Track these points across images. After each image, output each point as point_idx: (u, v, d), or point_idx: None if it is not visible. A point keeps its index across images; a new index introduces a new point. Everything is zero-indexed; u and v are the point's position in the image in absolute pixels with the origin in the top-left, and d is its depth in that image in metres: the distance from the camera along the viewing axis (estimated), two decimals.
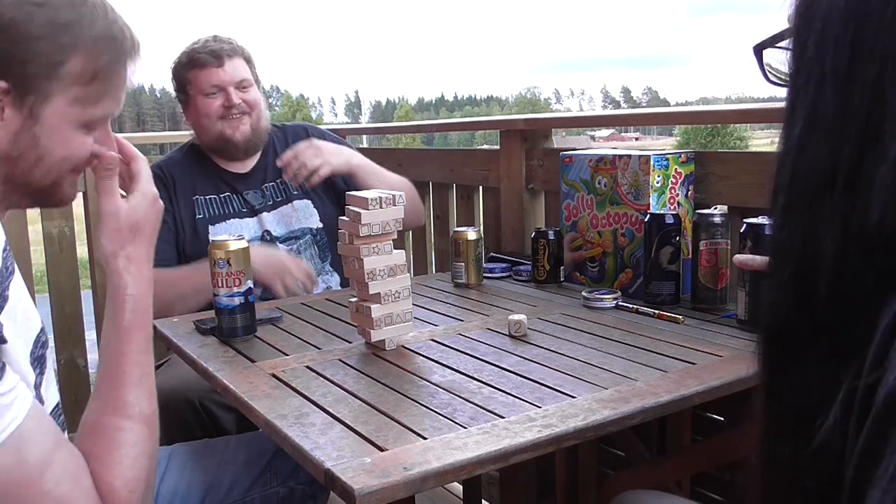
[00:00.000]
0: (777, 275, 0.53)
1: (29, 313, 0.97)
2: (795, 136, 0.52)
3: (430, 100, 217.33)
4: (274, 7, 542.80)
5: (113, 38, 0.90)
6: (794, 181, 0.52)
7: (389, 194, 1.23)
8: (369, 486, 0.78)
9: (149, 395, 0.91)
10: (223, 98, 1.87)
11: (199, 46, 1.88)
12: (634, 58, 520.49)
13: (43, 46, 0.85)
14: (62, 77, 0.86)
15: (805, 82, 0.52)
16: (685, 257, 1.50)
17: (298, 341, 1.31)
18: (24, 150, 0.87)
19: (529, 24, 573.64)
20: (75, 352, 2.58)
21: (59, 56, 0.86)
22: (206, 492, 1.24)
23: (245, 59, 1.92)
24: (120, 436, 0.87)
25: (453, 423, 0.93)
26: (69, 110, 0.88)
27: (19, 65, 0.84)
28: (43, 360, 0.97)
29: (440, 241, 2.45)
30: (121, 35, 0.91)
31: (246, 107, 1.90)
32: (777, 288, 0.53)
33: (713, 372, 1.08)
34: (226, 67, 1.87)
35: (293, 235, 1.95)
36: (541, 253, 1.67)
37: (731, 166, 1.57)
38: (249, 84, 1.91)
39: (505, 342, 1.27)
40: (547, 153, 2.01)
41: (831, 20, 0.51)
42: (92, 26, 0.88)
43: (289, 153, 1.85)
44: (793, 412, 0.52)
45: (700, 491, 1.62)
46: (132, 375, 0.90)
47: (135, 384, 0.90)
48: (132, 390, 0.90)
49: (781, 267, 0.53)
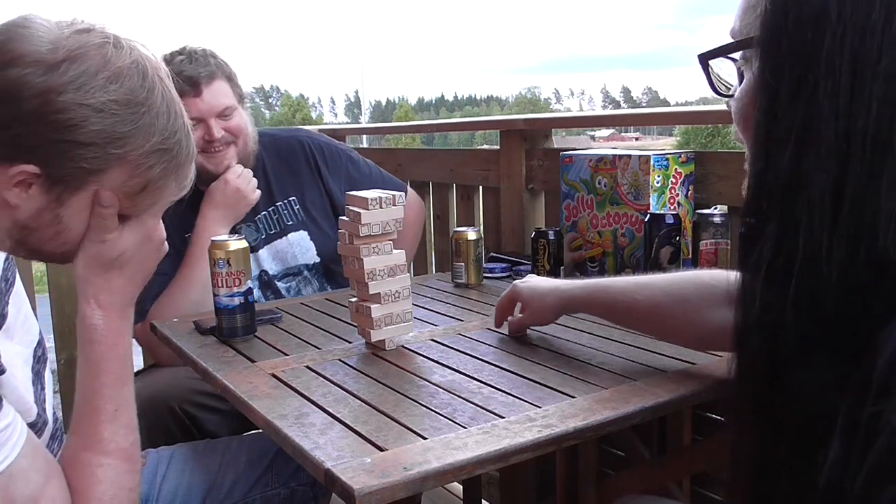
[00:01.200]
0: (776, 292, 0.52)
1: (28, 324, 0.96)
2: (788, 157, 0.51)
3: (430, 100, 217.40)
4: (274, 7, 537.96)
5: (168, 151, 0.85)
6: (788, 203, 0.51)
7: (389, 194, 1.23)
8: (369, 486, 0.78)
9: (126, 429, 0.88)
10: (203, 130, 1.68)
11: (173, 70, 1.64)
12: (634, 58, 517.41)
13: (89, 153, 0.80)
14: (101, 181, 0.83)
15: (790, 98, 0.51)
16: (685, 257, 1.50)
17: (298, 341, 1.31)
18: (44, 225, 0.84)
19: (530, 23, 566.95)
20: (75, 352, 2.57)
21: (102, 164, 0.82)
22: (208, 492, 1.24)
23: (226, 77, 1.73)
24: (100, 472, 0.85)
25: (453, 423, 0.93)
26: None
27: (58, 160, 0.80)
28: (41, 376, 0.96)
29: (440, 241, 2.45)
30: (176, 147, 0.86)
31: (230, 136, 1.73)
32: (776, 302, 0.52)
33: (713, 372, 1.08)
34: (204, 97, 1.68)
35: (290, 272, 1.83)
36: (541, 253, 1.67)
37: (731, 166, 1.57)
38: (233, 109, 1.73)
39: (505, 342, 1.27)
40: (547, 153, 2.01)
41: (821, 34, 0.49)
42: (147, 139, 0.83)
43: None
44: (792, 418, 0.52)
45: (700, 491, 1.62)
46: (105, 411, 0.88)
47: (109, 420, 0.88)
48: (107, 426, 0.87)
49: (781, 286, 0.51)
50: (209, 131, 1.69)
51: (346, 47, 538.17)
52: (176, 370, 1.56)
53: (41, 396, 0.93)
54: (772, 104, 0.53)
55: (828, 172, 0.49)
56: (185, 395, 1.55)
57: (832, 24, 0.49)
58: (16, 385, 0.84)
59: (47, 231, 0.85)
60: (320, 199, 1.87)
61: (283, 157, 1.87)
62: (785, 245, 0.51)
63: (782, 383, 0.52)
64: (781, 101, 0.52)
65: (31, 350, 0.96)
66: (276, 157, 1.87)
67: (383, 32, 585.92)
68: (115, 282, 0.90)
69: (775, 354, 0.52)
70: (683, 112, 4.57)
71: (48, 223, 0.84)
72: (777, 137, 0.52)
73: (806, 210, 0.50)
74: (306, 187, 1.87)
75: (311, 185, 1.87)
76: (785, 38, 0.51)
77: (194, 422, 1.55)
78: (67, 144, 0.79)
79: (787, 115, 0.51)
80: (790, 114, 0.51)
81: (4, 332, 0.88)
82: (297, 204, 1.85)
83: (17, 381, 0.86)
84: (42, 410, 0.91)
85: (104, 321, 0.89)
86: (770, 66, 0.53)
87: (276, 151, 1.87)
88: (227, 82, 1.74)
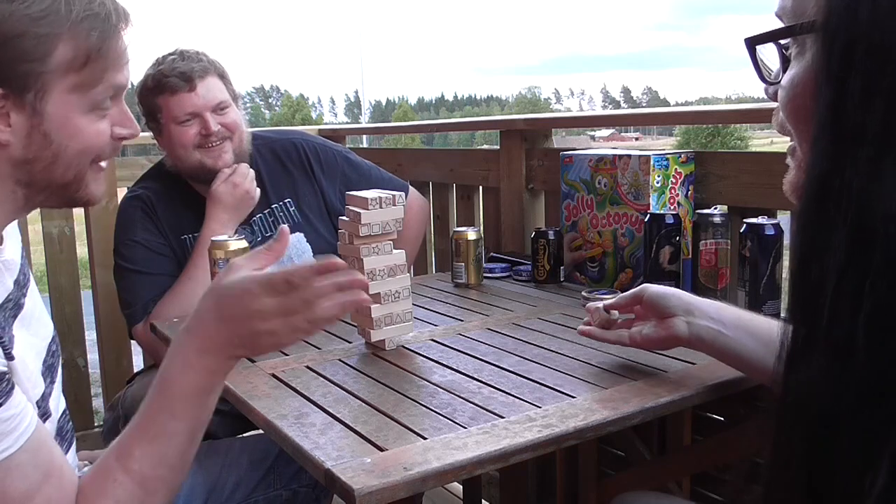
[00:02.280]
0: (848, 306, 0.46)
1: (43, 320, 0.97)
2: (863, 160, 0.45)
3: (429, 100, 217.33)
4: (274, 7, 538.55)
5: (95, 16, 0.86)
6: (862, 211, 0.46)
7: (389, 194, 1.23)
8: (369, 486, 0.78)
9: (156, 459, 0.85)
10: (199, 125, 1.69)
11: (166, 68, 1.68)
12: (634, 58, 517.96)
13: (25, 43, 0.82)
14: (53, 68, 0.83)
15: (866, 94, 0.46)
16: (685, 257, 1.50)
17: None
18: (38, 150, 0.85)
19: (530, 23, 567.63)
20: (75, 352, 2.58)
21: (43, 48, 0.83)
22: (209, 494, 1.23)
23: (219, 75, 1.74)
24: (111, 487, 0.83)
25: (453, 423, 0.93)
26: (71, 98, 0.85)
27: (7, 66, 0.82)
28: (54, 370, 0.96)
29: (440, 241, 2.45)
30: (102, 9, 0.87)
31: (226, 131, 1.72)
32: (848, 319, 0.46)
33: (713, 372, 1.08)
34: (199, 91, 1.68)
35: None
36: (541, 253, 1.67)
37: (730, 166, 1.56)
38: (227, 105, 1.73)
39: (505, 342, 1.27)
40: (547, 153, 2.01)
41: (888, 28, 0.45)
42: (69, 10, 0.84)
43: None
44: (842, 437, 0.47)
45: (700, 491, 1.62)
46: (147, 431, 0.85)
47: (146, 441, 0.85)
48: (139, 444, 0.85)
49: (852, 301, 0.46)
50: (206, 125, 1.69)
51: (346, 47, 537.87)
52: None
53: (49, 390, 0.93)
54: (841, 99, 0.47)
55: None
56: None
57: None
58: (23, 376, 0.84)
59: (45, 156, 0.85)
60: (315, 201, 1.86)
61: (277, 160, 1.87)
62: (856, 258, 0.46)
63: (843, 395, 0.47)
64: (854, 96, 0.46)
65: (45, 344, 0.96)
66: (271, 160, 1.87)
67: (383, 32, 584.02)
68: (223, 328, 0.85)
69: (843, 372, 0.47)
70: (683, 112, 4.58)
71: (41, 146, 0.85)
72: (848, 137, 0.46)
73: (882, 220, 0.45)
74: (301, 189, 1.86)
75: (306, 187, 1.87)
76: (857, 23, 0.46)
77: None
78: (4, 45, 0.81)
79: (862, 113, 0.46)
80: (866, 111, 0.45)
81: (21, 321, 0.88)
82: (292, 206, 1.85)
83: (29, 370, 0.86)
84: (46, 404, 0.90)
85: (197, 358, 0.86)
86: (838, 55, 0.47)
87: (270, 154, 1.87)
88: (220, 79, 1.74)
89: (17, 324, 0.87)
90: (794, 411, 0.51)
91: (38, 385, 0.89)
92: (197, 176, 1.75)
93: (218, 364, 0.86)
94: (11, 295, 0.88)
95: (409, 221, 1.90)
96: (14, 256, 0.92)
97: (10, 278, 0.89)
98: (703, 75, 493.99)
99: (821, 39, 0.50)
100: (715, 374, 1.07)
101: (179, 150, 1.71)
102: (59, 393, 0.98)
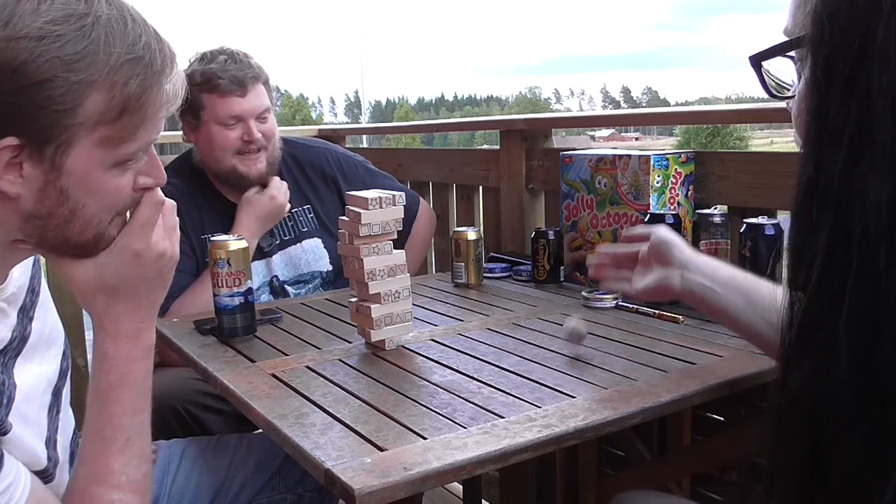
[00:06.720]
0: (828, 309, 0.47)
1: (54, 334, 0.94)
2: (840, 162, 0.46)
3: (430, 100, 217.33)
4: (274, 6, 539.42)
5: (138, 60, 0.74)
6: (840, 212, 0.46)
7: (389, 194, 1.23)
8: (369, 486, 0.78)
9: (138, 459, 0.84)
10: (242, 130, 1.71)
11: (218, 68, 1.68)
12: (635, 58, 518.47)
13: (53, 90, 0.70)
14: (83, 120, 0.72)
15: (842, 98, 0.47)
16: None
17: (298, 341, 1.31)
18: (53, 207, 0.75)
19: (530, 23, 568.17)
20: (75, 352, 2.58)
21: (73, 97, 0.71)
22: (215, 494, 1.23)
23: (264, 82, 1.76)
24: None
25: (453, 423, 0.93)
26: (96, 153, 0.75)
27: (29, 116, 0.70)
28: (59, 398, 0.94)
29: (440, 241, 2.45)
30: (147, 52, 0.75)
31: (264, 140, 1.74)
32: (829, 321, 0.47)
33: (713, 372, 1.08)
34: (249, 97, 1.70)
35: (302, 279, 1.85)
36: (541, 253, 1.67)
37: (730, 166, 1.57)
38: (268, 113, 1.76)
39: (505, 342, 1.27)
40: (547, 153, 2.01)
41: (873, 26, 0.46)
42: (109, 52, 0.72)
43: None
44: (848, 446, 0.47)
45: (700, 491, 1.62)
46: (116, 441, 0.83)
47: (119, 451, 0.83)
48: (117, 458, 0.83)
49: (833, 303, 0.46)
50: (249, 131, 1.71)
51: (346, 47, 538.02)
52: (180, 370, 1.56)
53: (54, 424, 0.90)
54: (823, 105, 0.49)
55: (883, 179, 0.44)
56: (189, 396, 1.55)
57: (885, 15, 0.45)
58: (23, 439, 0.81)
59: (60, 214, 0.76)
60: (334, 210, 1.88)
61: (299, 166, 1.90)
62: (837, 259, 0.46)
63: (836, 405, 0.47)
64: (833, 102, 0.48)
65: (55, 366, 0.93)
66: (293, 166, 1.89)
67: (383, 32, 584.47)
68: (114, 309, 0.84)
69: (829, 374, 0.47)
70: (683, 112, 4.58)
71: (56, 203, 0.75)
72: (828, 140, 0.48)
73: (860, 220, 0.45)
74: (323, 198, 1.90)
75: (327, 196, 1.91)
76: (836, 34, 0.47)
77: (198, 422, 1.55)
78: (28, 90, 0.69)
79: (839, 117, 0.47)
80: (842, 115, 0.47)
81: (24, 356, 0.85)
82: (311, 212, 1.88)
83: (29, 424, 0.83)
84: (53, 447, 0.88)
85: (114, 349, 0.84)
86: (821, 65, 0.49)
87: (293, 160, 1.90)
88: (265, 86, 1.77)
89: (21, 360, 0.84)
90: (790, 413, 0.52)
91: (41, 424, 0.87)
92: (227, 179, 1.77)
93: (147, 326, 0.86)
94: (15, 332, 0.84)
95: (419, 231, 1.98)
96: (21, 278, 0.86)
97: (13, 312, 0.84)
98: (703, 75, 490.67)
99: (809, 52, 0.51)
100: (715, 374, 1.08)
101: (218, 151, 1.73)
102: (68, 413, 0.95)
